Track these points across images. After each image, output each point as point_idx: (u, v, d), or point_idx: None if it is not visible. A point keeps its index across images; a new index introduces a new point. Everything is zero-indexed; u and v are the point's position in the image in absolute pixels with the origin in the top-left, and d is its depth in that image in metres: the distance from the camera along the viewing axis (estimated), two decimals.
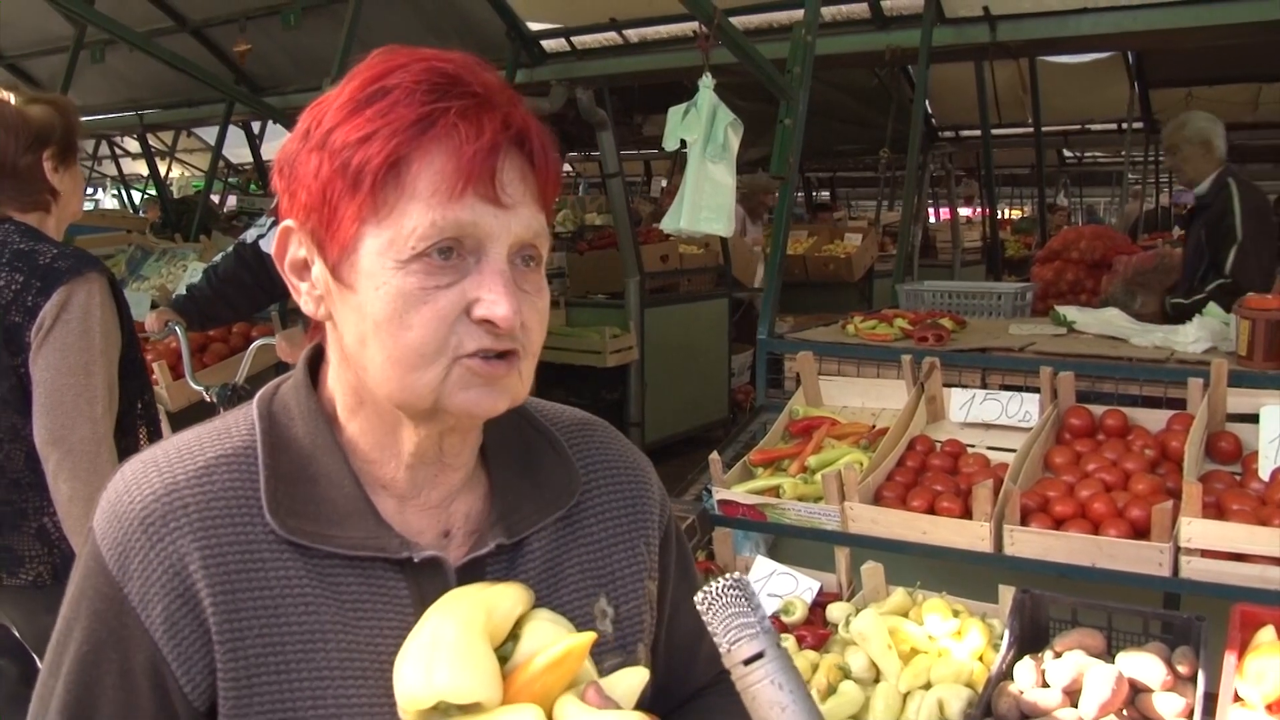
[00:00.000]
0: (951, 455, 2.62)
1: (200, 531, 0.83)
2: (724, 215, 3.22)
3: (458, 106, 0.81)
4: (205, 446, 0.88)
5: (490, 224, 0.81)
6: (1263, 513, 2.16)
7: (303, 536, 0.84)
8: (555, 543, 0.95)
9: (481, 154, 0.80)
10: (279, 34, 6.64)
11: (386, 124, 0.80)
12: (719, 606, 0.83)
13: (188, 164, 14.69)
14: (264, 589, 0.83)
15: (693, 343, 6.75)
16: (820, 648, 2.16)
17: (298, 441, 0.89)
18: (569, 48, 6.39)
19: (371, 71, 0.83)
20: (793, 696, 0.80)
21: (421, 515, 0.91)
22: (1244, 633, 1.86)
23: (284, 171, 0.86)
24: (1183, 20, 4.54)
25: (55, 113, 2.24)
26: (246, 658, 0.82)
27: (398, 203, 0.80)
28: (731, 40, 3.35)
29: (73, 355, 2.05)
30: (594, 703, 0.82)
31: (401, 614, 0.86)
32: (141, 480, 0.85)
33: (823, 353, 3.13)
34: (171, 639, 0.81)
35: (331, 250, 0.83)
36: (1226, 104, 8.43)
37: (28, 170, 2.18)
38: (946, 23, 5.12)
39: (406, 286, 0.80)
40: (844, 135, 9.54)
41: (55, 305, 2.06)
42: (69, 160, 2.27)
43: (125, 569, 0.83)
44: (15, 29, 7.73)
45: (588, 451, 1.02)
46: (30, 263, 2.09)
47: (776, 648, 0.82)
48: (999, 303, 4.12)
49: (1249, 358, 2.71)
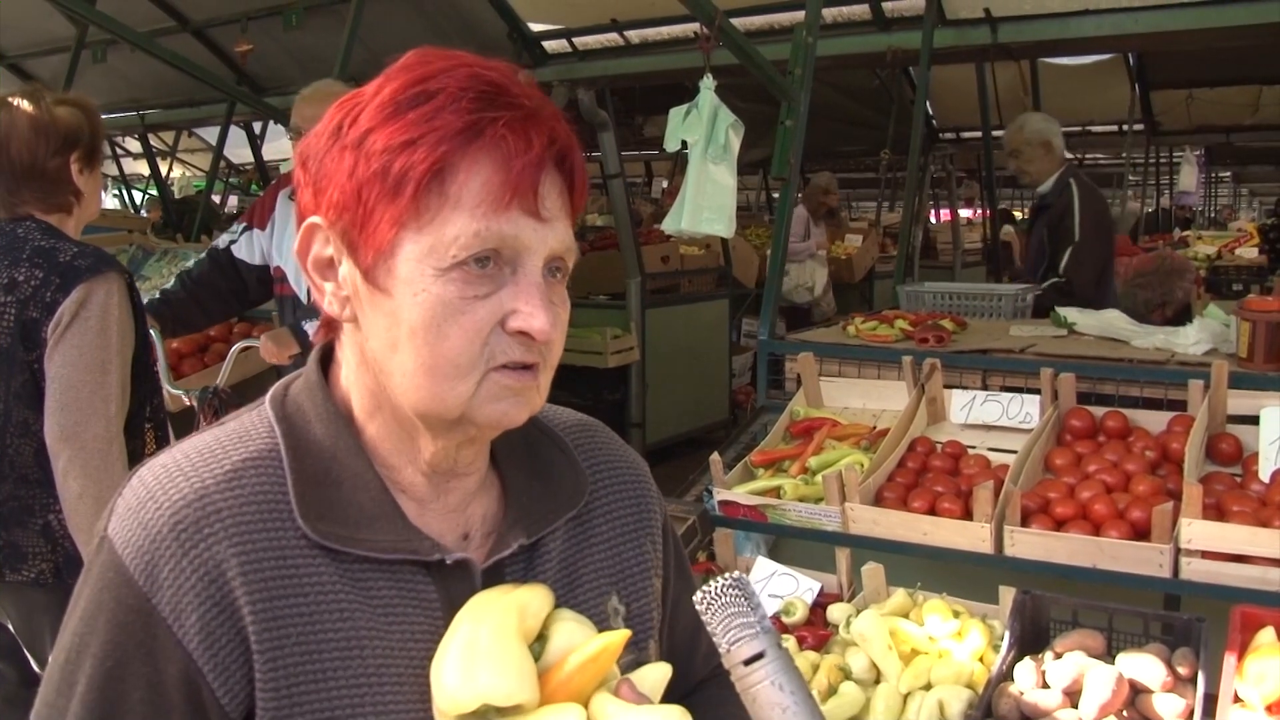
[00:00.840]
0: (952, 456, 2.61)
1: (236, 537, 0.81)
2: (725, 216, 3.22)
3: (506, 118, 0.80)
4: (229, 450, 0.85)
5: (530, 237, 0.81)
6: (1263, 514, 2.16)
7: (334, 540, 0.83)
8: (569, 543, 0.95)
9: (530, 168, 0.80)
10: (280, 34, 6.65)
11: (432, 130, 0.79)
12: (718, 606, 0.82)
13: (189, 164, 14.68)
14: (300, 595, 0.81)
15: (693, 344, 6.75)
16: (821, 648, 2.16)
17: (318, 443, 0.87)
18: (570, 49, 6.39)
19: (412, 74, 0.82)
20: (794, 697, 0.80)
21: (441, 519, 0.91)
22: (1244, 634, 1.86)
23: (308, 166, 0.85)
24: (1184, 22, 4.55)
25: (82, 115, 2.25)
26: (286, 666, 0.80)
27: (440, 210, 0.79)
28: (733, 41, 3.35)
29: (90, 353, 2.06)
30: (629, 698, 0.83)
31: (431, 617, 0.85)
32: (167, 485, 0.82)
33: (823, 354, 3.13)
34: (208, 649, 0.79)
35: (365, 253, 0.82)
36: (1227, 106, 8.44)
37: (56, 172, 2.19)
38: (948, 24, 5.12)
39: (446, 295, 0.80)
40: (845, 137, 9.55)
41: (74, 302, 2.06)
42: (94, 163, 2.28)
43: (154, 578, 0.79)
44: (17, 29, 7.73)
45: (591, 452, 1.02)
46: (50, 260, 2.11)
47: (777, 648, 0.81)
48: (1000, 304, 4.12)
49: (1249, 359, 2.71)
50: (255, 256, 3.30)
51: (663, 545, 1.04)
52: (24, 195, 2.19)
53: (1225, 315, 3.10)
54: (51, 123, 2.18)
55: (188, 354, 4.28)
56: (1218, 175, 16.16)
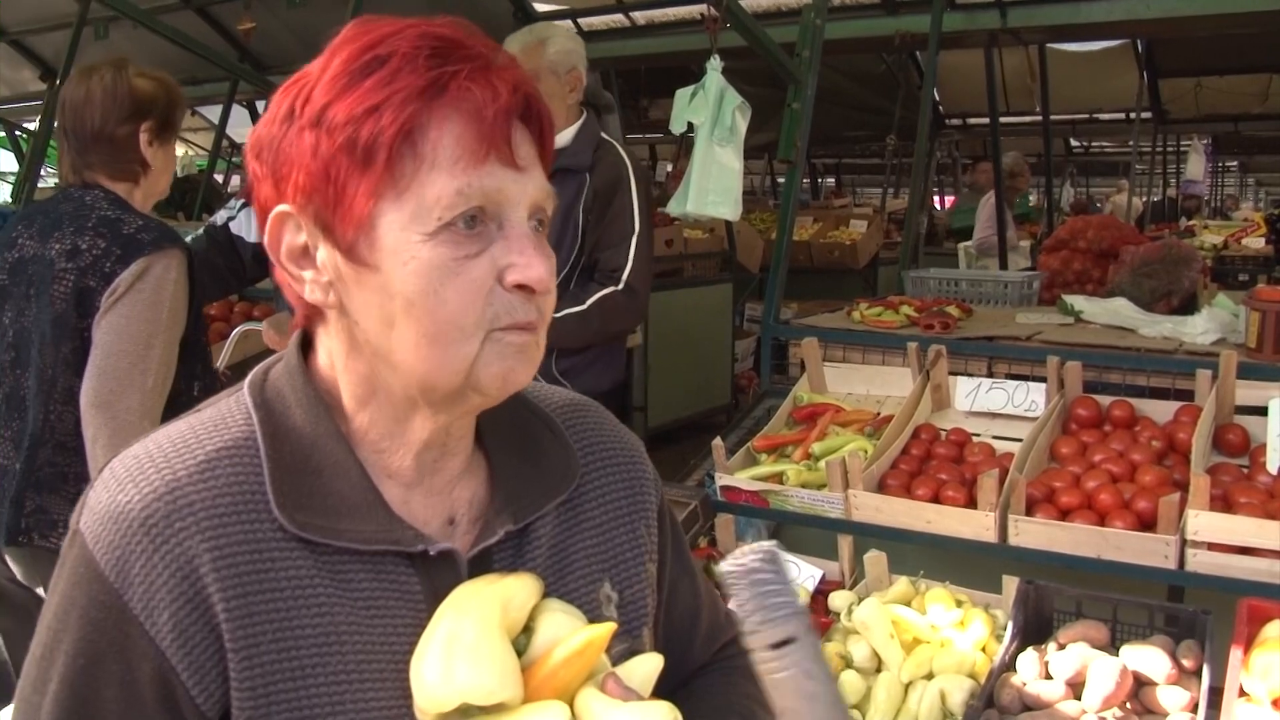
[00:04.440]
0: (956, 444, 2.60)
1: (209, 531, 0.78)
2: (731, 199, 3.19)
3: (467, 69, 0.78)
4: (203, 439, 0.83)
5: (512, 188, 0.80)
6: (1270, 506, 2.15)
7: (313, 531, 0.80)
8: (559, 529, 0.92)
9: (502, 116, 0.79)
10: (284, 12, 6.60)
11: (394, 93, 0.77)
12: (749, 582, 0.76)
13: (191, 143, 14.64)
14: (276, 590, 0.79)
15: (697, 328, 6.73)
16: (822, 636, 2.15)
17: (297, 430, 0.84)
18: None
19: (359, 43, 0.80)
20: (824, 687, 0.75)
21: (426, 503, 0.88)
22: (1250, 627, 1.85)
23: (263, 156, 0.82)
24: (1194, 8, 4.52)
25: (161, 89, 2.31)
26: (261, 664, 0.78)
27: (417, 173, 0.77)
28: (740, 23, 3.32)
29: (137, 324, 2.06)
30: (615, 694, 0.81)
31: (415, 609, 0.82)
32: (138, 478, 0.80)
33: (828, 339, 3.12)
34: (181, 647, 0.77)
35: (344, 231, 0.79)
36: (1236, 94, 8.39)
37: (125, 139, 2.22)
38: (957, 8, 5.08)
39: (437, 258, 0.77)
40: (851, 121, 9.50)
41: (132, 274, 2.07)
42: (166, 136, 2.31)
43: (125, 575, 0.77)
44: (18, 5, 7.69)
45: (583, 433, 0.99)
46: (114, 230, 2.12)
47: (809, 632, 0.76)
48: (1006, 291, 4.10)
49: (1258, 349, 2.69)
50: (252, 234, 3.28)
51: (658, 529, 1.01)
52: (92, 160, 2.22)
53: (1234, 305, 3.08)
54: (128, 90, 2.22)
55: None
56: (1224, 164, 16.08)
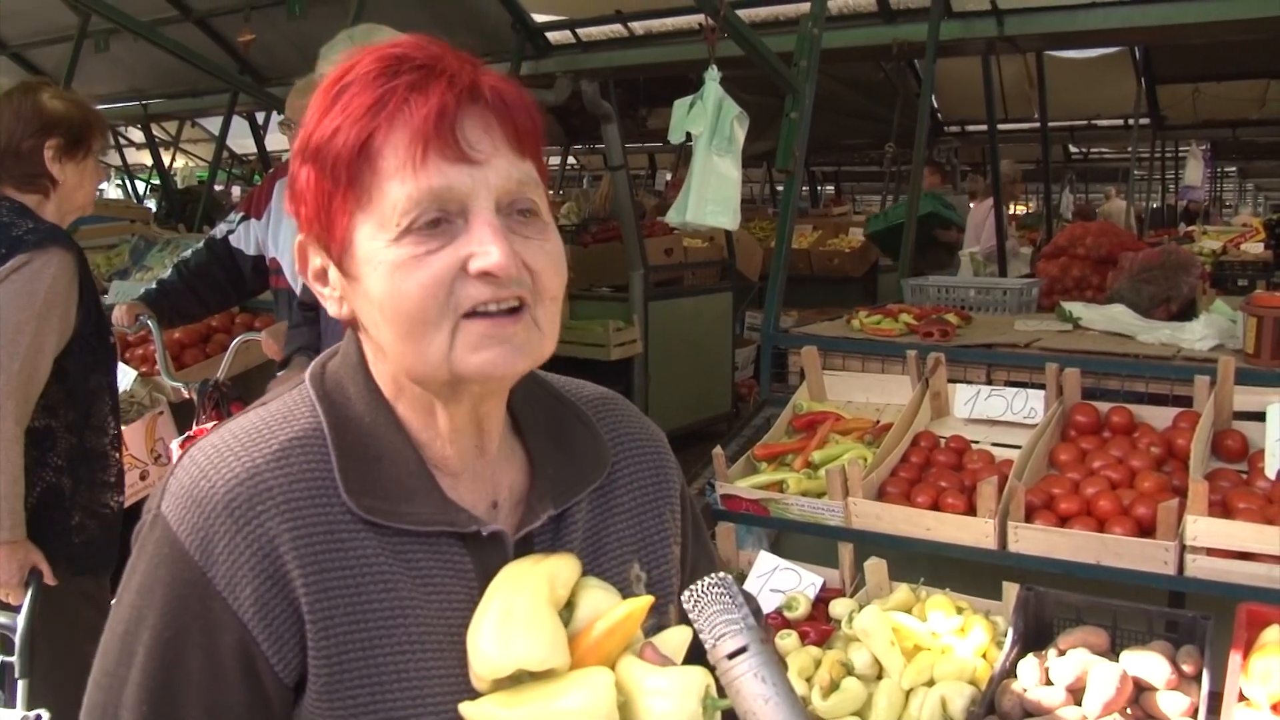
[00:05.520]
0: (956, 451, 2.60)
1: (287, 514, 0.85)
2: (730, 208, 3.20)
3: (406, 81, 0.84)
4: (275, 430, 0.90)
5: (465, 183, 0.83)
6: (1269, 511, 2.15)
7: (377, 515, 0.87)
8: (594, 513, 0.99)
9: (432, 115, 0.82)
10: (284, 24, 6.61)
11: (348, 115, 0.84)
12: (704, 604, 0.87)
13: (192, 154, 14.68)
14: (347, 568, 0.86)
15: (696, 336, 6.74)
16: (823, 644, 2.15)
17: (358, 420, 0.91)
18: (574, 40, 6.38)
19: (334, 75, 0.87)
20: (775, 689, 0.83)
21: (472, 489, 0.94)
22: (1249, 632, 1.85)
23: (294, 187, 0.90)
24: (1192, 15, 4.53)
25: (74, 109, 2.41)
26: (336, 635, 0.85)
27: (374, 185, 0.84)
28: (738, 33, 3.33)
29: (8, 310, 2.16)
30: (653, 660, 0.88)
31: (468, 586, 0.89)
32: (219, 465, 0.87)
33: (827, 347, 3.12)
34: (262, 620, 0.84)
35: (335, 249, 0.87)
36: (1234, 100, 8.42)
37: (29, 153, 2.34)
38: (954, 16, 5.10)
39: (399, 259, 0.83)
40: (849, 129, 9.53)
41: (9, 268, 2.19)
42: (73, 153, 2.40)
43: (209, 553, 0.84)
44: (20, 18, 7.72)
45: (612, 424, 1.05)
46: (5, 233, 2.24)
47: (760, 643, 0.85)
48: (1004, 298, 4.11)
49: (1256, 355, 2.69)
50: (251, 246, 3.29)
51: (680, 513, 1.07)
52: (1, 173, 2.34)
53: (1232, 311, 3.09)
54: (34, 109, 2.34)
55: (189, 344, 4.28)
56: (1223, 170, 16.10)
